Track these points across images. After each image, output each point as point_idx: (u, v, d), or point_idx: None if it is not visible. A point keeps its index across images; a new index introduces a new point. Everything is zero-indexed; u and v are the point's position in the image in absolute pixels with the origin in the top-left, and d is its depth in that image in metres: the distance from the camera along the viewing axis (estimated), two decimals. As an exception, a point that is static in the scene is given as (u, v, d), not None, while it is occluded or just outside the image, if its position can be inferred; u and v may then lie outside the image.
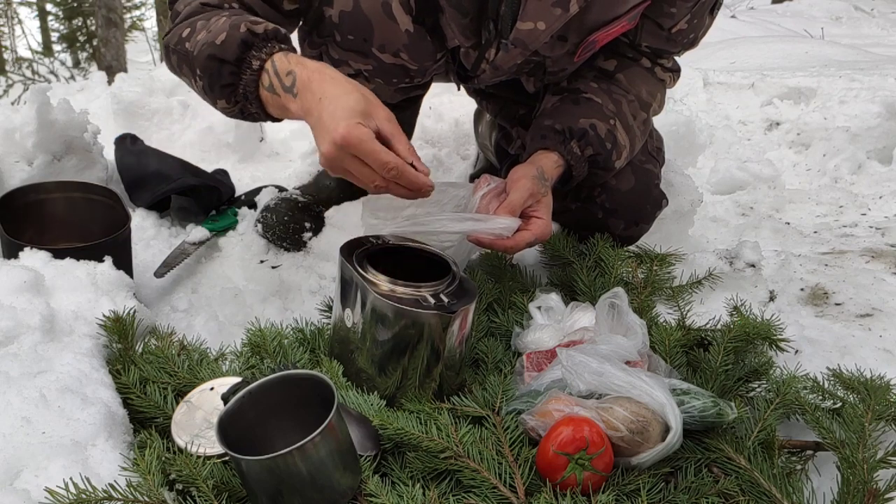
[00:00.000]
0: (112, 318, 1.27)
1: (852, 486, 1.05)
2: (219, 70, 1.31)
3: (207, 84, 1.34)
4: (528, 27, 1.43)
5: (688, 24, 1.58)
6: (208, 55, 1.31)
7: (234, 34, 1.29)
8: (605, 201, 1.66)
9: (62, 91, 3.33)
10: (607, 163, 1.57)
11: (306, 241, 1.74)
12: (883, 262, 2.07)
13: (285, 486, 0.94)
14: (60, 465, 0.98)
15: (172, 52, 1.40)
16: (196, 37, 1.35)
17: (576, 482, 1.04)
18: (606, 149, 1.56)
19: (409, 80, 1.56)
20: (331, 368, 1.24)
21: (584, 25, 1.49)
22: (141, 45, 11.53)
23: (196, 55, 1.33)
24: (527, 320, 1.42)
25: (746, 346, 1.37)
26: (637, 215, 1.69)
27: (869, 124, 3.00)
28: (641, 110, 1.64)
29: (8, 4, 12.39)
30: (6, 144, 1.81)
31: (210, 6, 1.42)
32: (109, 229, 1.57)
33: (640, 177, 1.69)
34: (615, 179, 1.67)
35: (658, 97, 1.69)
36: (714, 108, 3.51)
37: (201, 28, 1.35)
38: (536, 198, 1.43)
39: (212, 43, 1.31)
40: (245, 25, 1.29)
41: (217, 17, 1.35)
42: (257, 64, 1.28)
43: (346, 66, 1.52)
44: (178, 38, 1.38)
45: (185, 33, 1.37)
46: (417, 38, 1.48)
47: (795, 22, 7.74)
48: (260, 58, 1.28)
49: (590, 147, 1.54)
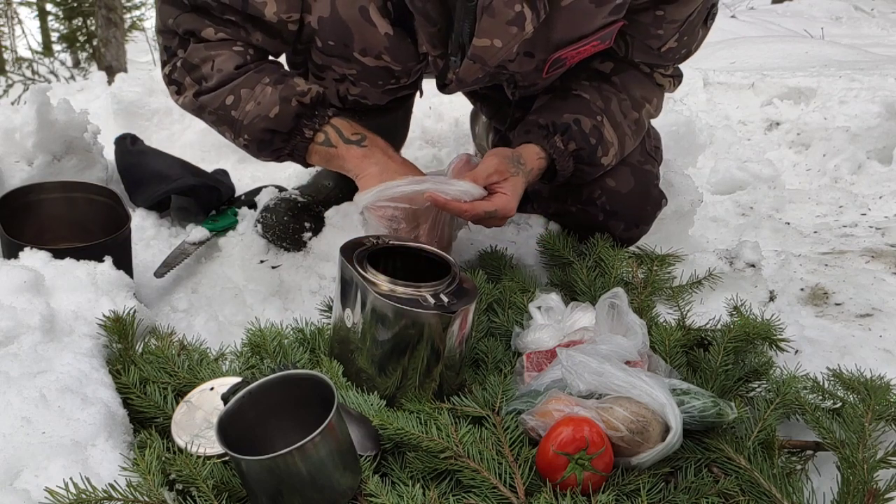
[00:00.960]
0: (112, 318, 1.27)
1: (852, 486, 1.05)
2: (271, 139, 1.47)
3: (255, 148, 1.50)
4: (485, 44, 1.42)
5: (678, 42, 1.58)
6: (263, 128, 1.45)
7: (286, 109, 1.44)
8: (606, 203, 1.66)
9: (62, 91, 3.33)
10: (592, 158, 1.56)
11: (306, 241, 1.74)
12: (883, 262, 2.07)
13: (285, 486, 0.94)
14: (60, 465, 0.98)
15: (210, 113, 1.50)
16: (244, 106, 1.46)
17: (576, 482, 1.04)
18: (591, 144, 1.55)
19: (394, 82, 1.56)
20: (331, 368, 1.24)
21: (549, 42, 1.48)
22: (141, 45, 11.52)
23: (247, 125, 1.46)
24: (527, 320, 1.42)
25: (746, 346, 1.37)
26: (637, 217, 1.69)
27: (869, 124, 2.99)
28: (633, 110, 1.63)
29: (8, 4, 12.38)
30: (6, 144, 1.81)
31: (210, 41, 1.47)
32: (109, 229, 1.57)
33: (640, 178, 1.68)
34: (614, 181, 1.66)
35: (654, 101, 1.68)
36: (714, 108, 3.51)
37: (247, 98, 1.46)
38: (503, 175, 1.44)
39: (265, 117, 1.44)
40: (296, 100, 1.44)
41: (260, 84, 1.45)
42: (310, 133, 1.47)
43: (331, 70, 1.53)
44: (220, 104, 1.47)
45: (228, 100, 1.46)
46: (398, 40, 1.48)
47: (795, 22, 7.74)
48: (313, 127, 1.46)
49: (573, 142, 1.54)
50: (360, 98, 1.59)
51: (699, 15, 1.55)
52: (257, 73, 1.47)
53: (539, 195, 1.76)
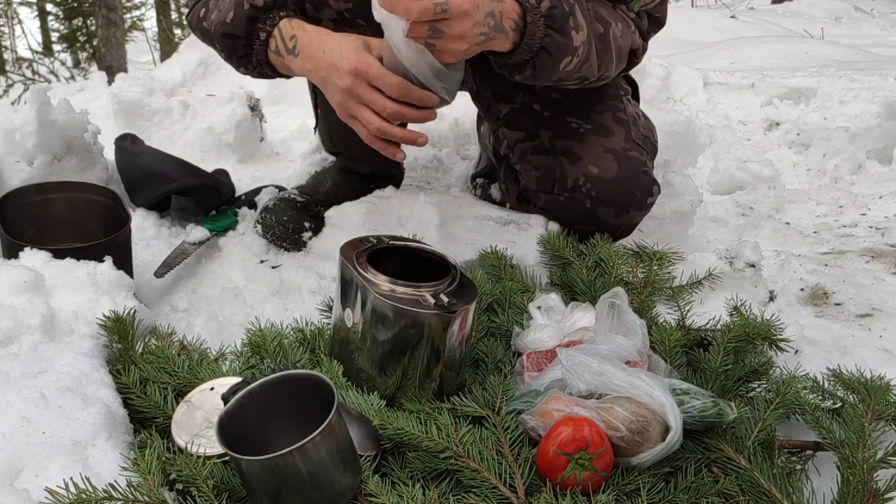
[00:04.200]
0: (112, 318, 1.27)
1: (852, 486, 1.05)
2: (232, 45, 1.53)
3: (226, 56, 1.58)
4: None
5: None
6: (222, 33, 1.53)
7: (239, 12, 1.49)
8: (591, 190, 1.66)
9: (62, 91, 3.34)
10: (563, 24, 1.45)
11: (306, 241, 1.74)
12: (883, 262, 2.06)
13: (285, 486, 0.94)
14: (60, 464, 0.98)
15: (195, 30, 1.63)
16: (210, 16, 1.56)
17: (576, 482, 1.04)
18: (563, 9, 1.44)
19: None
20: (331, 368, 1.24)
21: None
22: (141, 45, 11.53)
23: (213, 33, 1.56)
24: (527, 320, 1.42)
25: (746, 346, 1.37)
26: (626, 202, 1.68)
27: (869, 124, 2.99)
28: (598, 22, 1.55)
29: (8, 4, 12.39)
30: (6, 144, 1.81)
31: None
32: (109, 229, 1.57)
33: (624, 164, 1.68)
34: (597, 168, 1.66)
35: (621, 27, 1.59)
36: (714, 108, 3.51)
37: (213, 7, 1.56)
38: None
39: (223, 21, 1.52)
40: (248, 2, 1.48)
41: None
42: (264, 35, 1.49)
43: (327, 7, 1.54)
44: (197, 19, 1.60)
45: (201, 13, 1.58)
46: None
47: (795, 22, 7.73)
48: (265, 29, 1.49)
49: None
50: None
51: None
52: None
53: (528, 189, 1.77)
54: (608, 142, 1.70)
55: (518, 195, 1.87)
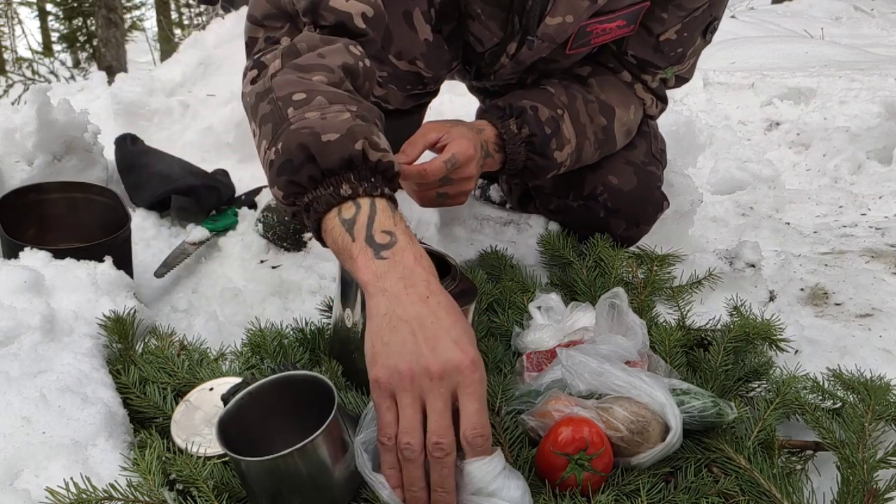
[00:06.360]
0: (112, 318, 1.27)
1: (852, 486, 1.05)
2: (301, 165, 1.04)
3: (278, 167, 1.06)
4: (557, 21, 1.44)
5: (677, 35, 1.57)
6: (301, 143, 1.04)
7: (345, 143, 1.04)
8: (608, 200, 1.66)
9: (62, 91, 3.33)
10: (544, 148, 1.50)
11: (306, 241, 1.74)
12: (883, 262, 2.07)
13: (285, 487, 0.94)
14: (60, 464, 0.98)
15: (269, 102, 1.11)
16: (306, 111, 1.08)
17: (575, 482, 1.04)
18: (545, 133, 1.50)
19: (421, 87, 1.56)
20: (331, 368, 1.24)
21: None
22: (141, 45, 11.54)
23: (292, 130, 1.06)
24: (527, 320, 1.42)
25: (746, 346, 1.37)
26: (639, 216, 1.69)
27: (869, 124, 3.00)
28: (602, 115, 1.60)
29: (8, 4, 12.39)
30: (6, 144, 1.81)
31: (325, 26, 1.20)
32: (109, 229, 1.57)
33: (643, 178, 1.69)
34: (617, 178, 1.66)
35: (632, 110, 1.65)
36: (714, 108, 3.52)
37: (318, 106, 1.08)
38: (441, 130, 1.41)
39: (316, 134, 1.04)
40: (363, 144, 1.04)
41: (341, 105, 1.09)
42: (348, 192, 1.03)
43: None
44: (286, 94, 1.10)
45: (297, 95, 1.09)
46: (435, 47, 1.48)
47: (795, 22, 7.73)
48: (353, 186, 1.04)
49: (526, 126, 1.49)
50: (383, 100, 1.56)
51: (703, 16, 1.56)
52: (351, 98, 1.12)
53: (541, 191, 1.77)
54: (630, 154, 1.70)
55: (520, 196, 1.87)
